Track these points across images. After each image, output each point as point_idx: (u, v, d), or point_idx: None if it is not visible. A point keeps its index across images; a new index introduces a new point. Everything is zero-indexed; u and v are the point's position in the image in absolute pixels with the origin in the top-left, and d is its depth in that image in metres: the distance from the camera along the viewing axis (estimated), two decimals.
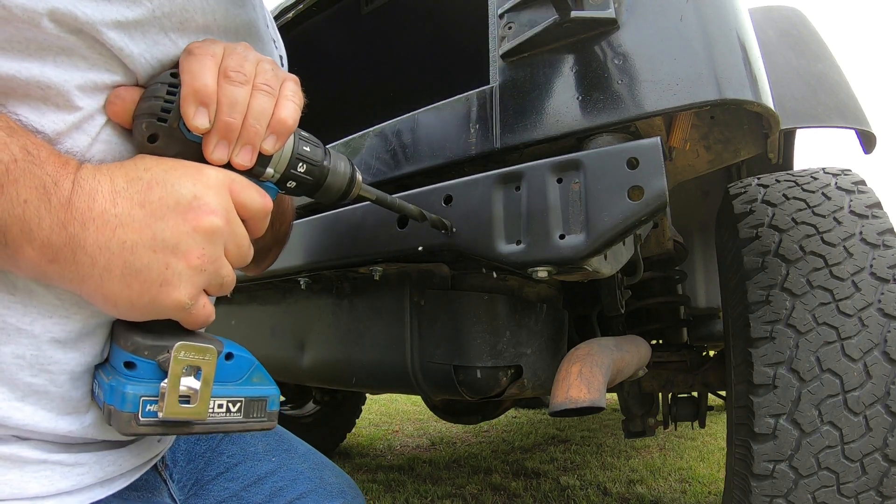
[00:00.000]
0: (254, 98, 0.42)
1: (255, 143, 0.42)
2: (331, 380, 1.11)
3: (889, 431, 0.80)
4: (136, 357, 0.39)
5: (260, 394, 0.45)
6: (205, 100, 0.39)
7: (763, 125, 0.81)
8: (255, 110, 0.41)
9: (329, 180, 0.51)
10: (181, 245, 0.37)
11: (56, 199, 0.34)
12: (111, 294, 0.37)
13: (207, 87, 0.39)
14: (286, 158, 0.47)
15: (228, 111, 0.40)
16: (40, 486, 0.40)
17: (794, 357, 0.87)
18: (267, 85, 0.43)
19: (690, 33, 0.65)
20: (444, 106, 0.81)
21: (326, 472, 0.76)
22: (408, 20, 1.34)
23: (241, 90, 0.41)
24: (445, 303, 0.87)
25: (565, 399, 0.73)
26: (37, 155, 0.34)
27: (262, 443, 0.73)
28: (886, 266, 0.90)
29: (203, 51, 0.41)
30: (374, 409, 4.33)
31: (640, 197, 0.59)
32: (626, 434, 1.56)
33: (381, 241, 0.78)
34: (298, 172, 0.48)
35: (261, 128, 0.42)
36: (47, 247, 0.34)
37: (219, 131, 0.40)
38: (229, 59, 0.41)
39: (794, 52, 1.27)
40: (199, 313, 0.41)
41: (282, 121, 0.43)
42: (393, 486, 2.13)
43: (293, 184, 0.48)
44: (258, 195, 0.43)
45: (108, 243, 0.35)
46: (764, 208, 1.06)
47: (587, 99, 0.69)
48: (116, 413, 0.38)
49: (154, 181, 0.38)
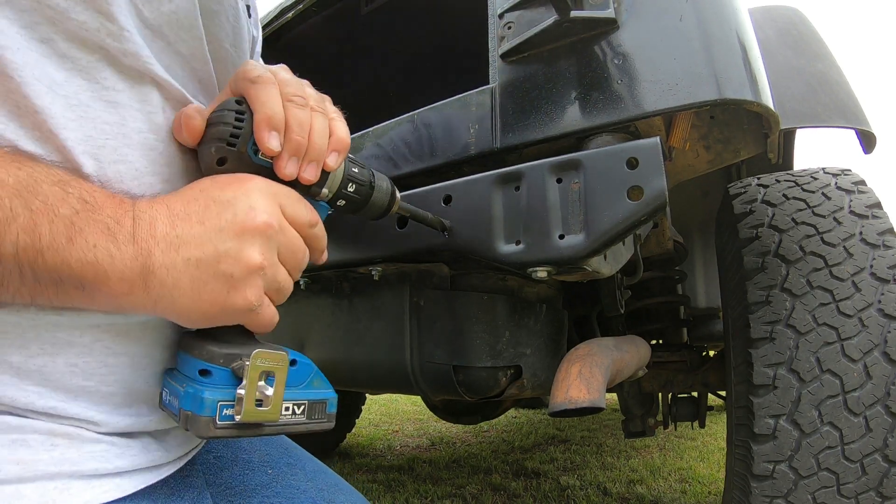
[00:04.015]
0: (314, 119, 0.46)
1: (321, 159, 0.46)
2: (331, 380, 1.11)
3: (889, 432, 0.80)
4: (212, 365, 0.42)
5: (321, 397, 0.49)
6: (277, 125, 0.43)
7: (763, 125, 0.81)
8: (318, 130, 0.46)
9: (374, 199, 0.55)
10: (242, 252, 0.40)
11: (122, 237, 0.36)
12: (184, 309, 0.39)
13: (278, 114, 0.43)
14: (339, 179, 0.51)
15: (297, 131, 0.44)
16: (97, 464, 0.41)
17: (794, 357, 0.87)
18: (322, 108, 0.47)
19: (690, 33, 0.65)
20: (443, 106, 0.81)
21: (339, 497, 0.67)
22: (408, 20, 1.34)
23: (304, 112, 0.45)
24: (445, 303, 0.87)
25: (565, 399, 0.73)
26: (93, 202, 0.36)
27: (259, 452, 0.67)
28: (886, 266, 0.90)
29: (266, 80, 0.44)
30: (374, 409, 4.33)
31: (639, 197, 0.59)
32: (626, 434, 1.56)
33: (380, 240, 0.78)
34: (349, 192, 0.52)
35: (324, 145, 0.46)
36: (122, 282, 0.36)
37: (289, 150, 0.44)
38: (286, 86, 0.45)
39: (793, 52, 1.27)
40: (265, 313, 0.43)
41: (341, 139, 0.48)
42: (393, 486, 2.13)
43: (343, 202, 0.53)
44: (305, 209, 0.46)
45: (173, 263, 0.38)
46: (764, 208, 1.06)
47: (587, 99, 0.69)
48: (194, 418, 0.40)
49: (211, 200, 0.41)
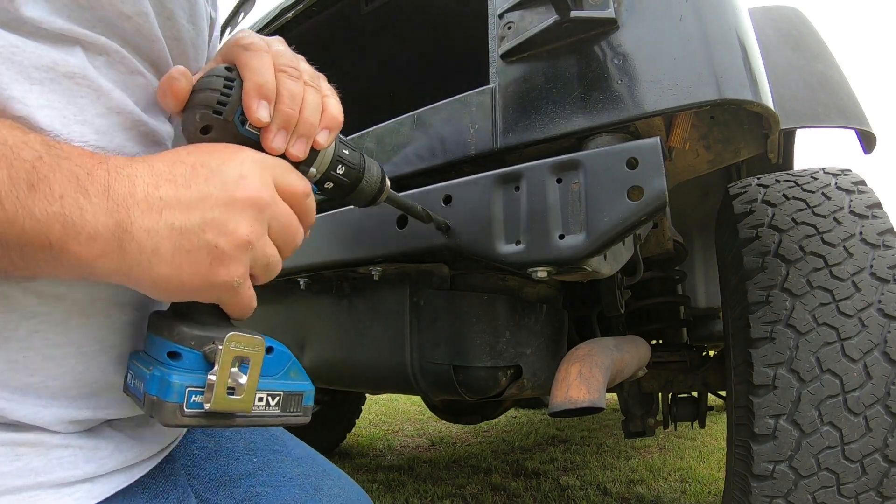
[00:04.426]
0: (307, 93, 0.43)
1: (311, 135, 0.44)
2: (330, 380, 1.11)
3: (889, 432, 0.80)
4: (182, 347, 0.38)
5: (297, 388, 0.45)
6: (267, 95, 0.40)
7: (763, 125, 0.81)
8: (310, 105, 0.43)
9: (363, 184, 0.53)
10: (230, 223, 0.37)
11: (94, 190, 0.32)
12: (161, 278, 0.36)
13: (269, 83, 0.40)
14: (328, 159, 0.48)
15: (289, 103, 0.41)
16: (65, 471, 0.39)
17: (794, 357, 0.87)
18: (314, 84, 0.44)
19: (690, 33, 0.65)
20: (443, 106, 0.81)
21: (327, 482, 0.66)
22: (408, 20, 1.34)
23: (297, 85, 0.42)
24: (445, 303, 0.87)
25: (565, 399, 0.73)
26: (60, 148, 0.32)
27: (244, 440, 0.66)
28: (886, 266, 0.90)
29: (258, 47, 0.42)
30: (374, 409, 4.33)
31: (639, 197, 0.59)
32: (626, 434, 1.55)
33: (380, 240, 0.78)
34: (338, 174, 0.49)
35: (315, 121, 0.43)
36: (93, 239, 0.32)
37: (278, 122, 0.41)
38: (280, 57, 0.43)
39: (793, 52, 1.27)
40: (245, 294, 0.41)
41: (333, 117, 0.45)
42: (393, 486, 2.13)
43: (331, 185, 0.50)
44: (298, 179, 0.43)
45: (155, 226, 0.34)
46: (764, 208, 1.06)
47: (587, 99, 0.69)
48: (160, 403, 0.36)
49: (199, 163, 0.37)
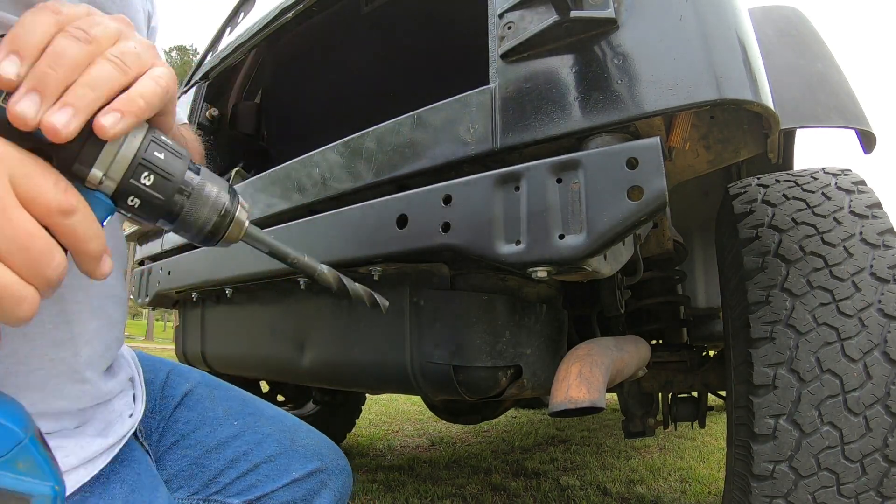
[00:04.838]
0: (97, 65, 0.32)
1: (80, 106, 0.31)
2: (330, 380, 1.11)
3: (889, 432, 0.80)
4: None
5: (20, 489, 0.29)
6: (22, 48, 0.30)
7: (763, 125, 0.81)
8: (94, 76, 0.32)
9: (188, 208, 0.38)
10: None
11: None
12: None
13: (27, 35, 0.30)
14: (125, 160, 0.34)
15: (51, 62, 0.30)
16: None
17: (794, 357, 0.87)
18: (120, 59, 0.33)
19: (690, 33, 0.65)
20: (443, 106, 0.81)
21: (300, 434, 0.72)
22: (408, 20, 1.34)
23: (75, 46, 0.32)
24: (445, 303, 0.87)
25: (565, 399, 0.73)
26: None
27: (222, 407, 0.70)
28: (886, 266, 0.90)
29: (44, 6, 0.32)
30: (374, 409, 4.33)
31: (639, 197, 0.59)
32: (626, 434, 1.55)
33: (380, 240, 0.78)
34: (142, 185, 0.35)
35: (93, 94, 0.32)
36: None
37: (31, 81, 0.30)
38: (72, 19, 0.33)
39: (793, 52, 1.27)
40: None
41: (133, 99, 0.33)
42: (393, 486, 2.13)
43: (136, 201, 0.36)
44: (51, 184, 0.30)
45: None
46: (764, 208, 1.06)
47: (587, 99, 0.69)
48: None
49: None
